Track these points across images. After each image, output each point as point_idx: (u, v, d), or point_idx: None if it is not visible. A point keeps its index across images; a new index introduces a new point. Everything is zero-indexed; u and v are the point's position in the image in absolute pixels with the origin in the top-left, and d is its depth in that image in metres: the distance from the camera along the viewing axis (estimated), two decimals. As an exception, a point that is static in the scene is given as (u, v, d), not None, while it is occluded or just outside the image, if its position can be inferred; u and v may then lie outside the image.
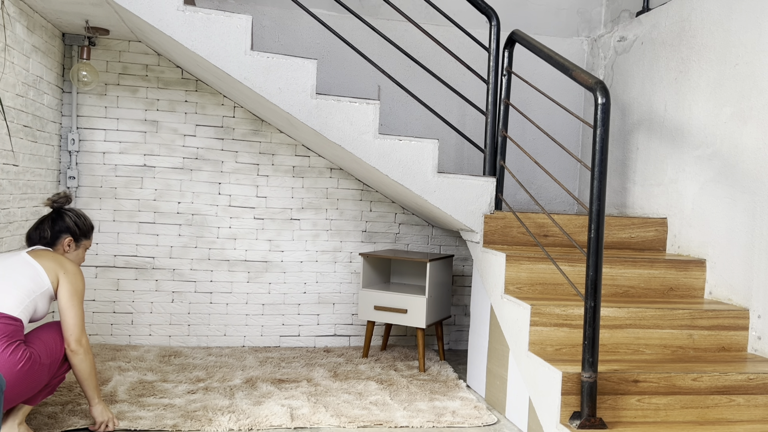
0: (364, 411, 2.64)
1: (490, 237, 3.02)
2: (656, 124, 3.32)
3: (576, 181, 4.14)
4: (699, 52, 3.03)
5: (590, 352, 2.14)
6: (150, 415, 2.49)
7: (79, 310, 2.26)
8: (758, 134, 2.64)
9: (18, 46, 2.81)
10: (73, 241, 2.41)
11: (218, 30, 2.70)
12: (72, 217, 2.42)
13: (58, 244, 2.38)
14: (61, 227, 2.39)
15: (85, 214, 2.49)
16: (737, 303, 2.71)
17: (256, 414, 2.54)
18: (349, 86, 3.82)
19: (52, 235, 2.38)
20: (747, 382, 2.34)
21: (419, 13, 3.89)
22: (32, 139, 3.04)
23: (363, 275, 3.42)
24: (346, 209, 3.81)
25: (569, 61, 2.48)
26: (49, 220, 2.39)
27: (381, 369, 3.30)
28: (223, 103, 3.65)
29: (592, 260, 2.15)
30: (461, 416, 2.63)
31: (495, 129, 3.09)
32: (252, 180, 3.69)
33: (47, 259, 2.25)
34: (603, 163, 2.15)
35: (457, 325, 3.99)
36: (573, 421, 2.17)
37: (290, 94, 2.79)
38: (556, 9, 4.08)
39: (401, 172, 2.92)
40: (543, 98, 4.07)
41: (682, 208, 3.08)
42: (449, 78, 3.94)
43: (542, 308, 2.50)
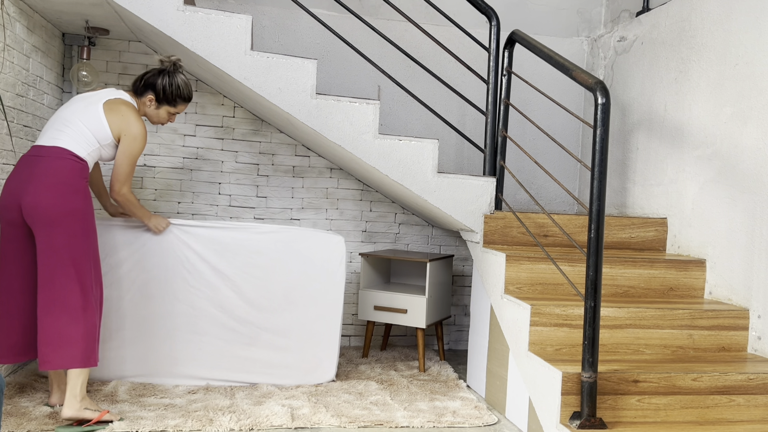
0: (364, 411, 2.64)
1: (490, 237, 3.02)
2: (656, 124, 3.32)
3: (576, 181, 4.14)
4: (699, 52, 3.03)
5: (590, 352, 2.14)
6: (151, 415, 2.49)
7: (128, 168, 2.53)
8: (758, 134, 2.64)
9: (18, 45, 2.81)
10: (155, 100, 2.64)
11: (218, 30, 2.70)
12: (165, 80, 2.63)
13: (143, 97, 2.64)
14: (150, 83, 2.62)
15: (182, 84, 2.67)
16: (737, 303, 2.71)
17: (257, 414, 2.54)
18: (349, 86, 3.82)
19: (141, 86, 2.63)
20: (747, 382, 2.34)
21: (419, 13, 3.89)
22: (32, 139, 3.04)
23: (363, 275, 3.42)
24: (346, 209, 3.81)
25: (569, 61, 2.48)
26: (148, 74, 2.64)
27: (381, 369, 3.30)
28: (223, 103, 3.65)
29: (592, 260, 2.15)
30: (462, 416, 2.64)
31: (495, 129, 3.09)
32: (252, 180, 3.69)
33: (116, 115, 2.50)
34: (603, 163, 2.15)
35: (457, 325, 3.99)
36: (573, 421, 2.17)
37: (290, 94, 2.79)
38: (556, 9, 4.08)
39: (401, 172, 2.92)
40: (543, 98, 4.07)
41: (682, 208, 3.09)
42: (449, 78, 3.95)
43: (542, 308, 2.50)
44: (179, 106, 2.69)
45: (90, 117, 2.47)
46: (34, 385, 2.78)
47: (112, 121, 2.49)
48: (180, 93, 2.66)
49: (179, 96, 2.66)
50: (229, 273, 2.93)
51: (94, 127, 2.47)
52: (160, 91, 2.62)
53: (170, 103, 2.66)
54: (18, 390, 2.70)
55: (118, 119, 2.49)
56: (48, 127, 2.49)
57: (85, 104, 2.50)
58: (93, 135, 2.47)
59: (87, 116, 2.47)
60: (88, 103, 2.50)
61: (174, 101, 2.66)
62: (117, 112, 2.50)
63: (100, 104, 2.50)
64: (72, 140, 2.43)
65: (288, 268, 2.97)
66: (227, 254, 2.93)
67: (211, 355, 2.91)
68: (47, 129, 2.48)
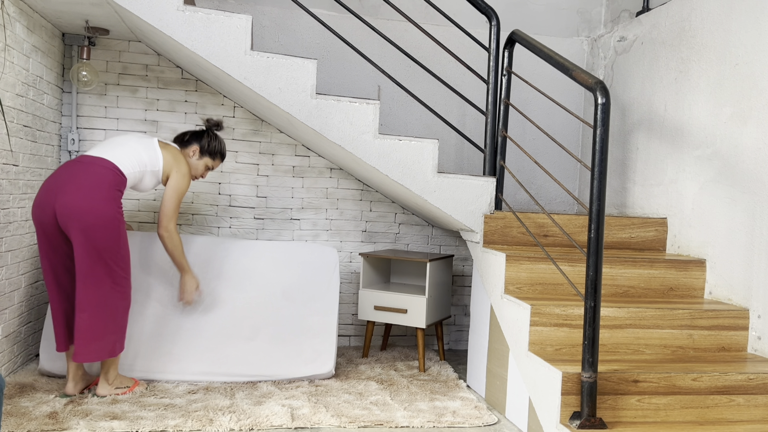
0: (364, 411, 2.64)
1: (490, 237, 3.02)
2: (656, 124, 3.32)
3: (576, 181, 4.14)
4: (699, 52, 3.03)
5: (590, 352, 2.14)
6: (151, 415, 2.49)
7: (174, 204, 2.77)
8: (758, 134, 2.64)
9: (18, 46, 2.81)
10: (198, 151, 2.94)
11: (218, 30, 2.70)
12: (210, 137, 2.96)
13: (187, 148, 2.93)
14: (196, 138, 2.95)
15: (222, 142, 3.01)
16: (737, 303, 2.71)
17: (257, 414, 2.54)
18: (349, 86, 3.82)
19: (187, 140, 2.94)
20: (747, 382, 2.34)
21: (419, 13, 3.89)
22: (32, 139, 3.04)
23: (363, 275, 3.42)
24: (346, 209, 3.81)
25: (569, 61, 2.48)
26: (193, 132, 2.96)
27: (381, 369, 3.30)
28: (223, 103, 3.65)
29: (592, 260, 2.15)
30: (462, 416, 2.64)
31: (495, 129, 3.09)
32: (252, 180, 3.69)
33: (169, 153, 2.79)
34: (603, 163, 2.15)
35: (457, 325, 3.99)
36: (573, 421, 2.17)
37: (290, 94, 2.79)
38: (556, 9, 4.08)
39: (401, 172, 2.92)
40: (543, 98, 4.07)
41: (682, 208, 3.09)
42: (449, 78, 3.95)
43: (542, 308, 2.50)
44: (216, 160, 2.99)
45: (147, 144, 2.75)
46: (34, 385, 2.78)
47: (165, 157, 2.77)
48: (220, 149, 3.00)
49: (219, 152, 2.99)
50: (231, 275, 3.05)
51: (149, 153, 2.73)
52: (205, 144, 2.94)
53: (211, 156, 2.97)
54: (18, 390, 2.70)
55: (170, 157, 2.78)
56: (97, 144, 2.73)
57: (140, 136, 2.79)
58: (147, 157, 2.71)
59: (144, 143, 2.74)
60: (141, 136, 2.80)
61: (214, 155, 2.98)
62: (170, 151, 2.80)
63: (154, 139, 2.80)
64: (120, 156, 2.65)
65: (287, 271, 3.12)
66: (229, 261, 3.10)
67: (212, 350, 2.92)
68: (96, 145, 2.73)
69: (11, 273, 2.87)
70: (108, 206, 2.53)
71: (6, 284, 2.81)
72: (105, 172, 2.56)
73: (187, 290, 2.89)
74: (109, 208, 2.53)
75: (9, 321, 2.86)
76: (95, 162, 2.58)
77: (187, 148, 2.93)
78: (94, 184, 2.52)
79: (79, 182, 2.51)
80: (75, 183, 2.51)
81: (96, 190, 2.51)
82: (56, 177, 2.56)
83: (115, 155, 2.64)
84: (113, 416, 2.46)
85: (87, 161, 2.59)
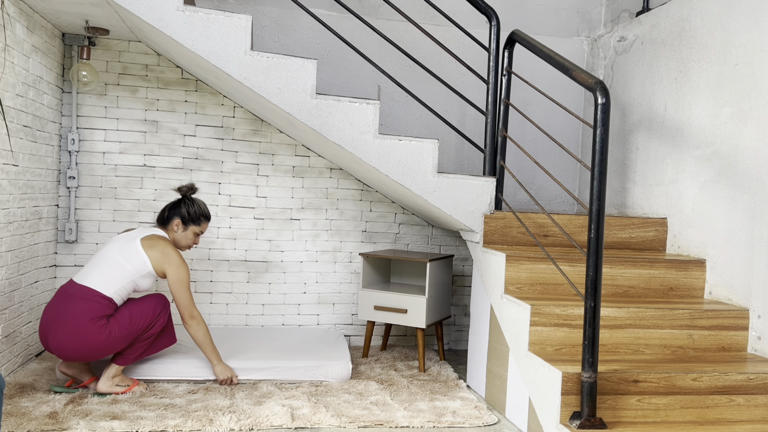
0: (364, 411, 2.64)
1: (490, 237, 3.02)
2: (656, 124, 3.32)
3: (576, 181, 4.14)
4: (699, 52, 3.03)
5: (590, 352, 2.14)
6: (151, 415, 2.49)
7: (185, 294, 2.79)
8: (758, 134, 2.64)
9: (18, 46, 2.81)
10: (181, 223, 2.91)
11: (218, 30, 2.70)
12: (187, 205, 2.93)
13: (169, 224, 2.91)
14: (175, 212, 2.91)
15: (201, 204, 2.97)
16: (737, 303, 2.71)
17: (257, 414, 2.54)
18: (349, 86, 3.82)
19: (167, 216, 2.91)
20: (747, 382, 2.34)
21: (419, 13, 3.89)
22: (32, 139, 3.04)
23: (363, 275, 3.42)
24: (346, 209, 3.81)
25: (569, 61, 2.48)
26: (171, 204, 2.94)
27: (381, 369, 3.30)
28: (223, 103, 3.65)
29: (592, 260, 2.15)
30: (462, 416, 2.64)
31: (495, 129, 3.09)
32: (252, 180, 3.69)
33: (156, 249, 2.76)
34: (603, 163, 2.15)
35: (457, 325, 3.99)
36: (573, 421, 2.17)
37: (290, 94, 2.79)
38: (556, 9, 4.08)
39: (401, 172, 2.92)
40: (543, 98, 4.07)
41: (682, 208, 3.08)
42: (449, 78, 3.94)
43: (542, 308, 2.50)
44: (203, 224, 2.97)
45: (129, 252, 2.73)
46: (34, 385, 2.78)
47: (152, 256, 2.75)
48: (202, 212, 2.96)
49: (202, 215, 2.96)
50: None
51: (133, 261, 2.71)
52: (184, 213, 2.91)
53: (194, 222, 2.93)
54: (18, 390, 2.70)
55: (158, 255, 2.76)
56: (87, 265, 2.75)
57: (123, 242, 2.77)
58: (131, 267, 2.70)
59: (126, 251, 2.73)
60: (125, 241, 2.77)
61: (198, 220, 2.94)
62: (155, 248, 2.77)
63: (137, 240, 2.77)
64: (103, 278, 2.66)
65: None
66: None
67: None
68: (86, 266, 2.75)
69: (11, 273, 2.87)
70: (95, 337, 2.58)
71: (6, 284, 2.81)
72: (86, 306, 2.60)
73: (222, 380, 2.89)
74: (96, 339, 2.59)
75: (9, 321, 2.86)
76: (78, 294, 2.62)
77: (170, 224, 2.91)
78: (78, 323, 2.57)
79: (63, 322, 2.58)
80: (59, 324, 2.59)
81: (80, 328, 2.57)
82: (48, 310, 2.65)
83: (98, 279, 2.66)
84: (113, 416, 2.46)
85: (73, 292, 2.63)
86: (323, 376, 3.00)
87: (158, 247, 2.77)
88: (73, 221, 3.48)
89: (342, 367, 3.03)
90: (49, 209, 3.33)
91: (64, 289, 2.67)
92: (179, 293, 2.78)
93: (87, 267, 2.73)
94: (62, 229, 3.49)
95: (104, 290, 2.65)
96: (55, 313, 2.61)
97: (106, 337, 2.59)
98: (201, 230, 2.97)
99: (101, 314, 2.61)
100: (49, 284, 3.42)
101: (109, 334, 2.60)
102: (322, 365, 3.01)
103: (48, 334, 2.60)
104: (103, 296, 2.63)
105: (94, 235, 3.53)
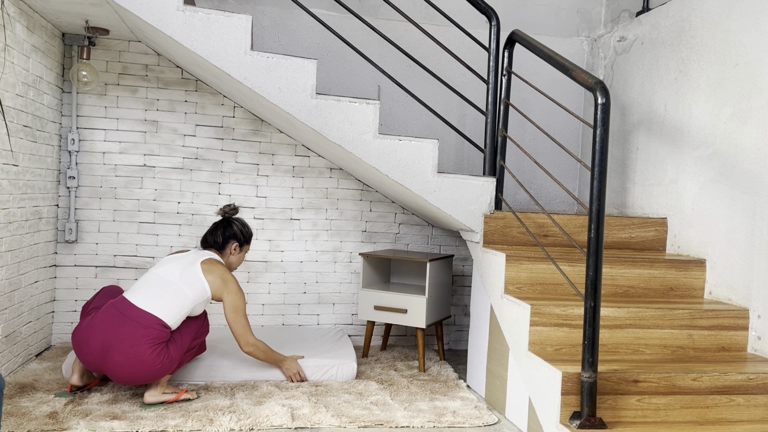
0: (364, 411, 2.64)
1: (490, 237, 3.02)
2: (656, 124, 3.32)
3: (576, 181, 4.14)
4: (699, 52, 3.03)
5: (590, 352, 2.14)
6: (151, 415, 2.49)
7: (242, 321, 2.75)
8: (758, 134, 2.64)
9: (18, 46, 2.81)
10: (238, 246, 2.91)
11: (218, 30, 2.70)
12: (238, 225, 2.92)
13: (226, 248, 2.88)
14: (229, 234, 2.89)
15: (246, 224, 2.97)
16: (737, 303, 2.71)
17: (257, 414, 2.54)
18: (349, 86, 3.82)
19: (223, 240, 2.87)
20: (747, 382, 2.34)
21: (419, 13, 3.89)
22: (32, 139, 3.04)
23: (363, 275, 3.42)
24: (346, 209, 3.81)
25: (569, 61, 2.48)
26: (221, 227, 2.89)
27: (381, 369, 3.30)
28: (223, 103, 3.65)
29: (592, 260, 2.15)
30: (462, 416, 2.64)
31: (495, 129, 3.09)
32: (252, 180, 3.69)
33: (216, 276, 2.70)
34: (603, 163, 2.15)
35: (457, 325, 3.99)
36: (573, 421, 2.17)
37: (290, 94, 2.79)
38: (556, 9, 4.08)
39: (401, 172, 2.92)
40: (543, 98, 4.07)
41: (682, 208, 3.09)
42: (449, 78, 3.94)
43: (542, 308, 2.50)
44: (250, 242, 3.00)
45: (191, 279, 2.65)
46: (35, 385, 2.78)
47: (211, 281, 2.68)
48: (249, 230, 2.98)
49: (250, 233, 2.98)
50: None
51: (194, 288, 2.65)
52: (240, 236, 2.90)
53: (248, 242, 2.96)
54: (18, 390, 2.70)
55: (218, 281, 2.70)
56: (143, 284, 2.65)
57: (183, 266, 2.69)
58: (192, 294, 2.63)
59: (188, 279, 2.65)
60: (184, 265, 2.70)
61: (249, 239, 2.96)
62: (214, 273, 2.71)
63: (197, 265, 2.70)
64: (165, 306, 2.57)
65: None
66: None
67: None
68: (142, 286, 2.64)
69: (11, 273, 2.87)
70: (156, 363, 2.50)
71: (6, 284, 2.81)
72: (148, 333, 2.50)
73: (292, 375, 2.93)
74: (158, 364, 2.50)
75: (9, 321, 2.86)
76: (139, 320, 2.51)
77: (227, 247, 2.88)
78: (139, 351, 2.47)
79: (124, 350, 2.46)
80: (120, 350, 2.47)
81: (142, 356, 2.47)
82: (100, 332, 2.51)
83: (159, 305, 2.56)
84: (113, 416, 2.45)
85: (132, 316, 2.52)
86: (329, 375, 3.00)
87: (217, 273, 2.71)
88: (73, 221, 3.48)
89: (348, 367, 3.03)
90: (49, 209, 3.33)
91: (120, 311, 2.54)
92: (236, 321, 2.74)
93: (144, 288, 2.62)
94: (62, 229, 3.49)
95: (166, 318, 2.55)
96: (113, 337, 2.49)
97: (164, 360, 2.51)
98: (248, 249, 2.99)
99: (162, 341, 2.53)
100: (49, 284, 3.42)
101: (167, 357, 2.53)
102: (327, 365, 3.01)
103: (106, 358, 2.48)
104: (164, 324, 2.54)
105: (94, 235, 3.53)
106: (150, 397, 2.59)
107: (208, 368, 2.91)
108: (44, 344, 3.38)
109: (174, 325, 2.59)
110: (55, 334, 3.51)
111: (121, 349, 2.47)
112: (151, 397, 2.59)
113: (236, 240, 2.88)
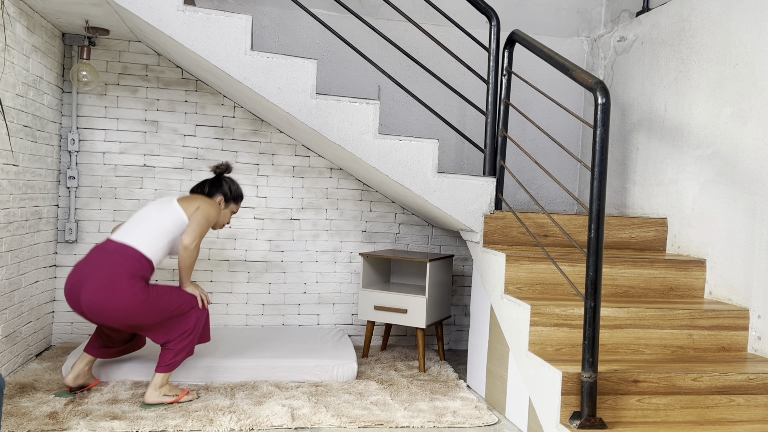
0: (364, 411, 2.64)
1: (490, 237, 3.02)
2: (656, 124, 3.32)
3: (576, 181, 4.14)
4: (699, 52, 3.03)
5: (590, 352, 2.14)
6: (151, 415, 2.49)
7: (200, 223, 2.67)
8: (758, 134, 2.64)
9: (18, 46, 2.81)
10: (224, 200, 2.88)
11: (218, 30, 2.70)
12: (228, 182, 2.90)
13: (213, 199, 2.84)
14: (217, 188, 2.87)
15: (237, 183, 2.94)
16: (737, 303, 2.71)
17: (257, 414, 2.54)
18: (349, 86, 3.82)
19: (208, 192, 2.86)
20: (747, 382, 2.34)
21: (419, 13, 3.89)
22: (32, 139, 3.04)
23: (363, 275, 3.42)
24: (346, 209, 3.81)
25: (569, 61, 2.48)
26: (210, 181, 2.89)
27: (381, 369, 3.30)
28: (223, 103, 3.65)
29: (592, 260, 2.15)
30: (462, 416, 2.64)
31: (495, 129, 3.09)
32: (252, 180, 3.69)
33: (192, 202, 2.71)
34: (603, 163, 2.15)
35: (457, 325, 3.99)
36: (573, 421, 2.17)
37: (290, 94, 2.79)
38: (556, 9, 4.08)
39: (401, 172, 2.92)
40: (543, 98, 4.07)
41: (682, 208, 3.09)
42: (449, 78, 3.94)
43: (542, 308, 2.50)
44: (239, 204, 2.95)
45: (167, 209, 2.68)
46: (35, 385, 2.78)
47: (186, 207, 2.70)
48: (239, 190, 2.94)
49: (240, 195, 2.94)
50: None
51: (172, 216, 2.66)
52: (227, 190, 2.88)
53: (234, 201, 2.92)
54: (18, 390, 2.70)
55: (192, 206, 2.70)
56: (125, 223, 2.69)
57: (161, 201, 2.73)
58: (170, 222, 2.65)
59: (165, 210, 2.68)
60: (163, 201, 2.74)
61: (237, 199, 2.93)
62: (194, 201, 2.73)
63: (173, 199, 2.73)
64: (143, 237, 2.60)
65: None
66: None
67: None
68: (122, 226, 2.68)
69: (11, 273, 2.87)
70: (130, 298, 2.48)
71: (6, 284, 2.81)
72: (124, 262, 2.51)
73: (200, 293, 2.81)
74: (132, 299, 2.48)
75: (9, 321, 2.86)
76: (117, 251, 2.54)
77: (213, 199, 2.86)
78: (113, 278, 2.48)
79: (99, 277, 2.48)
80: (94, 278, 2.48)
81: (118, 284, 2.47)
82: (81, 267, 2.54)
83: (137, 237, 2.59)
84: (113, 416, 2.46)
85: (110, 248, 2.55)
86: (329, 376, 3.01)
87: (195, 201, 2.72)
88: (73, 221, 3.48)
89: (348, 367, 3.04)
90: (49, 209, 3.33)
91: (101, 247, 2.58)
92: (194, 221, 2.66)
93: (125, 228, 2.64)
94: (62, 229, 3.49)
95: (144, 250, 2.57)
96: (90, 268, 2.51)
97: (143, 299, 2.48)
98: (236, 210, 2.95)
99: (140, 274, 2.53)
100: (49, 284, 3.42)
101: (146, 297, 2.50)
102: (327, 365, 3.01)
103: (80, 289, 2.49)
104: (143, 256, 2.56)
105: (94, 235, 3.53)
106: (150, 398, 2.59)
107: (208, 368, 2.91)
108: (44, 344, 3.39)
109: (154, 259, 2.60)
110: (55, 334, 3.51)
111: (97, 278, 2.48)
112: (151, 398, 2.59)
113: (222, 194, 2.86)
